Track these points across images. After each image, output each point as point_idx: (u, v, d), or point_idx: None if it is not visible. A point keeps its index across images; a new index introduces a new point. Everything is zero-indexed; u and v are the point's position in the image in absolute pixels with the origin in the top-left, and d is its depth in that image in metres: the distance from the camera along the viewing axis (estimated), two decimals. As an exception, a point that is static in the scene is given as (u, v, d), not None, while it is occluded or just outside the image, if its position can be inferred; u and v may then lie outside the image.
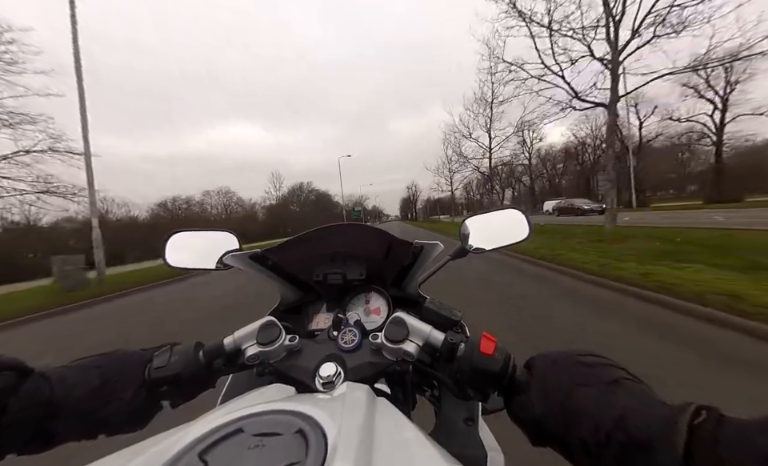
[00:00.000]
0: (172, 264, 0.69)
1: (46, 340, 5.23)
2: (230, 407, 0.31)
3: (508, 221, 0.74)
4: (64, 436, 0.37)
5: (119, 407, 0.39)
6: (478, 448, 0.46)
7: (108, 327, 5.55)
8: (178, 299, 7.63)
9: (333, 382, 0.43)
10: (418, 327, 0.44)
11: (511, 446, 0.54)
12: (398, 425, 0.31)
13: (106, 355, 0.43)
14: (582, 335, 3.04)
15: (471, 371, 0.39)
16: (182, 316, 5.56)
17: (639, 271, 4.83)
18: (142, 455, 0.25)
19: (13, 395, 0.35)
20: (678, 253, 5.78)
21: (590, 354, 0.35)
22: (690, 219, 12.49)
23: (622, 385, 0.31)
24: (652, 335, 2.94)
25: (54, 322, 6.56)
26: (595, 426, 0.29)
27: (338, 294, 0.67)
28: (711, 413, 0.25)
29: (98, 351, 0.44)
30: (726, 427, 0.24)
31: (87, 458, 0.25)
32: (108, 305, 7.89)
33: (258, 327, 0.47)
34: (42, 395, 0.36)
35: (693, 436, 0.24)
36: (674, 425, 0.25)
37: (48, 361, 0.42)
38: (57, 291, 9.32)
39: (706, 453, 0.23)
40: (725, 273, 4.28)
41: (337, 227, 0.64)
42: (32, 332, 5.92)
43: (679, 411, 0.26)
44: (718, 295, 3.40)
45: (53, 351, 4.45)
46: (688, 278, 4.17)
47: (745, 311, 3.01)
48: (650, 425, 0.27)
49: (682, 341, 2.79)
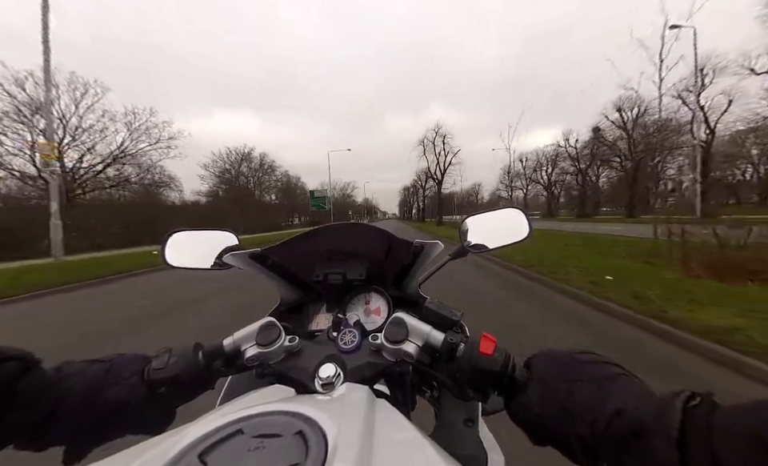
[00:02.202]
0: (172, 264, 0.68)
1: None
2: (229, 409, 0.31)
3: (508, 221, 0.74)
4: (65, 433, 0.37)
5: (120, 407, 0.39)
6: (478, 449, 0.46)
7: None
8: (132, 295, 6.30)
9: (332, 383, 0.43)
10: (418, 328, 0.44)
11: (511, 446, 0.54)
12: (398, 426, 0.31)
13: (107, 356, 0.43)
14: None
15: (471, 371, 0.39)
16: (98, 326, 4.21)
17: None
18: (141, 456, 0.25)
19: (20, 386, 0.34)
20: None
21: (588, 352, 0.36)
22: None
23: (618, 380, 0.32)
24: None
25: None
26: (593, 421, 0.29)
27: (338, 294, 0.67)
28: (705, 398, 0.25)
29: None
30: (719, 411, 0.24)
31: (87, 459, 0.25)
32: (36, 302, 6.04)
33: (258, 328, 0.47)
34: (47, 387, 0.36)
35: (686, 421, 0.24)
36: (668, 411, 0.25)
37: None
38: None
39: (699, 437, 0.23)
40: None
41: (337, 227, 0.64)
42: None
43: (672, 397, 0.26)
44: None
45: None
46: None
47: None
48: (644, 414, 0.27)
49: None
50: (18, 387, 0.34)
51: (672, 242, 6.34)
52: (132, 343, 3.59)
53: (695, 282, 4.87)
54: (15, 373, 0.34)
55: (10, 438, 0.34)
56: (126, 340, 3.71)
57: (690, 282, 4.87)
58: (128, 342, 3.63)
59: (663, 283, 4.76)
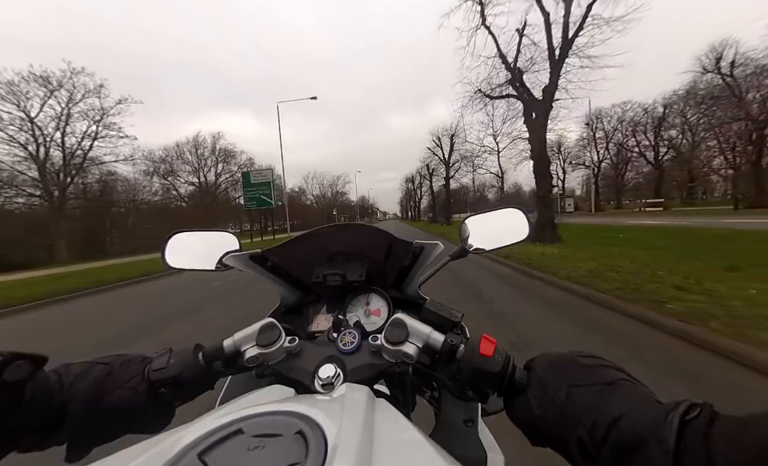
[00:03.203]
0: (172, 265, 0.68)
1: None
2: (229, 408, 0.31)
3: (508, 221, 0.74)
4: (67, 432, 0.37)
5: (121, 407, 0.39)
6: (478, 449, 0.46)
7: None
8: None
9: (332, 383, 0.43)
10: (418, 329, 0.44)
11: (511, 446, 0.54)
12: (398, 426, 0.31)
13: (108, 356, 0.43)
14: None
15: (471, 372, 0.39)
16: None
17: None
18: (142, 455, 0.25)
19: (27, 386, 0.34)
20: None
21: (589, 355, 0.36)
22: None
23: (619, 386, 0.32)
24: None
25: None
26: (592, 426, 0.29)
27: (338, 295, 0.67)
28: (704, 409, 0.25)
29: None
30: (718, 422, 0.24)
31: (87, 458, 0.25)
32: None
33: (258, 329, 0.47)
34: (52, 388, 0.36)
35: (684, 432, 0.24)
36: (666, 421, 0.25)
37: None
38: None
39: (696, 448, 0.23)
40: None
41: (337, 228, 0.64)
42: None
43: (672, 408, 0.26)
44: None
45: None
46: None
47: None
48: (643, 423, 0.27)
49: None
50: (26, 387, 0.34)
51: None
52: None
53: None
54: (24, 374, 0.34)
55: (17, 438, 0.34)
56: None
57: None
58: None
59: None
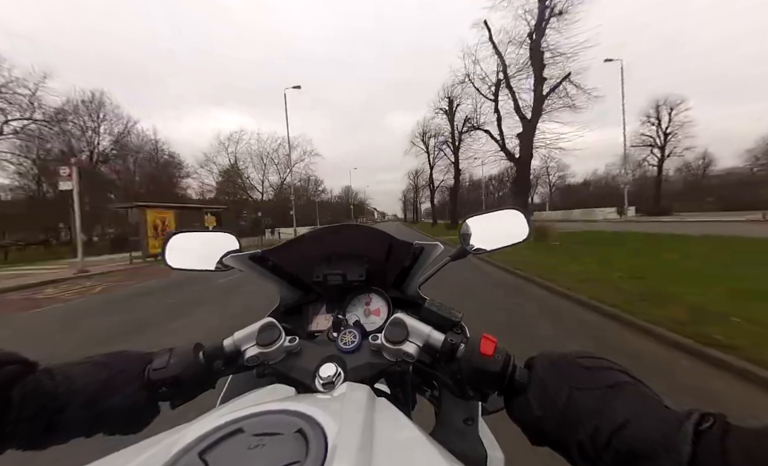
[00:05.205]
0: (172, 265, 0.68)
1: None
2: (229, 407, 0.31)
3: (508, 221, 0.74)
4: (64, 433, 0.37)
5: (120, 407, 0.39)
6: (478, 448, 0.46)
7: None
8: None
9: (333, 382, 0.43)
10: (418, 328, 0.44)
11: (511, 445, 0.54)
12: (398, 425, 0.31)
13: (108, 354, 0.43)
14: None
15: (471, 371, 0.39)
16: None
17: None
18: (141, 455, 0.25)
19: (16, 389, 0.34)
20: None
21: (591, 356, 0.35)
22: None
23: (624, 389, 0.31)
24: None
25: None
26: (594, 430, 0.29)
27: (338, 295, 0.67)
28: (717, 420, 0.24)
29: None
30: (733, 434, 0.23)
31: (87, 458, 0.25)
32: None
33: (258, 329, 0.47)
34: (45, 389, 0.36)
35: (698, 444, 0.23)
36: (679, 432, 0.24)
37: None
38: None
39: (711, 461, 0.22)
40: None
41: (337, 228, 0.64)
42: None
43: (684, 417, 0.25)
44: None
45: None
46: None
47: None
48: (653, 432, 0.26)
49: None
50: (15, 389, 0.34)
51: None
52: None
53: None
54: (12, 377, 0.35)
55: (10, 439, 0.34)
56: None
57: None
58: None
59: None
